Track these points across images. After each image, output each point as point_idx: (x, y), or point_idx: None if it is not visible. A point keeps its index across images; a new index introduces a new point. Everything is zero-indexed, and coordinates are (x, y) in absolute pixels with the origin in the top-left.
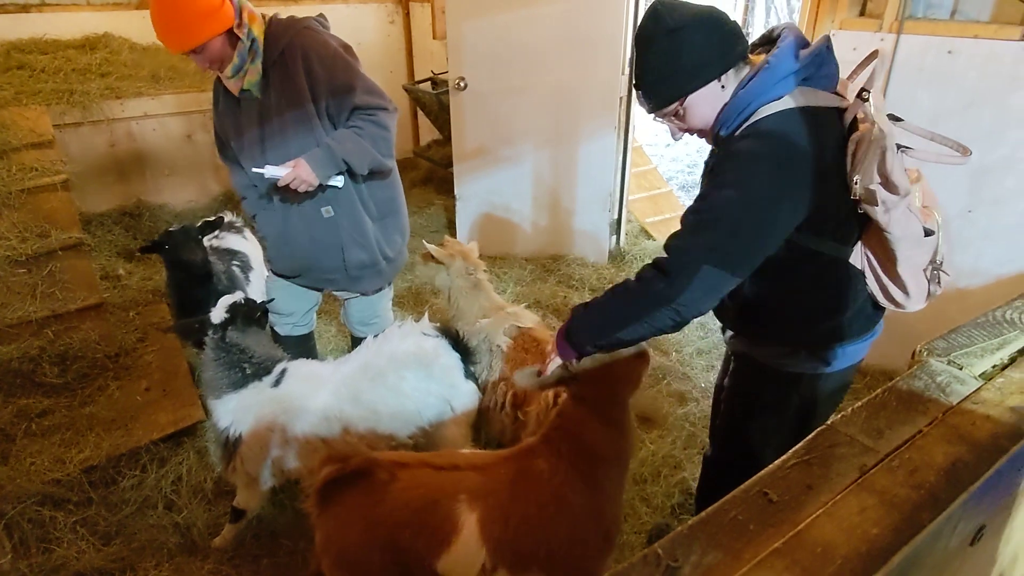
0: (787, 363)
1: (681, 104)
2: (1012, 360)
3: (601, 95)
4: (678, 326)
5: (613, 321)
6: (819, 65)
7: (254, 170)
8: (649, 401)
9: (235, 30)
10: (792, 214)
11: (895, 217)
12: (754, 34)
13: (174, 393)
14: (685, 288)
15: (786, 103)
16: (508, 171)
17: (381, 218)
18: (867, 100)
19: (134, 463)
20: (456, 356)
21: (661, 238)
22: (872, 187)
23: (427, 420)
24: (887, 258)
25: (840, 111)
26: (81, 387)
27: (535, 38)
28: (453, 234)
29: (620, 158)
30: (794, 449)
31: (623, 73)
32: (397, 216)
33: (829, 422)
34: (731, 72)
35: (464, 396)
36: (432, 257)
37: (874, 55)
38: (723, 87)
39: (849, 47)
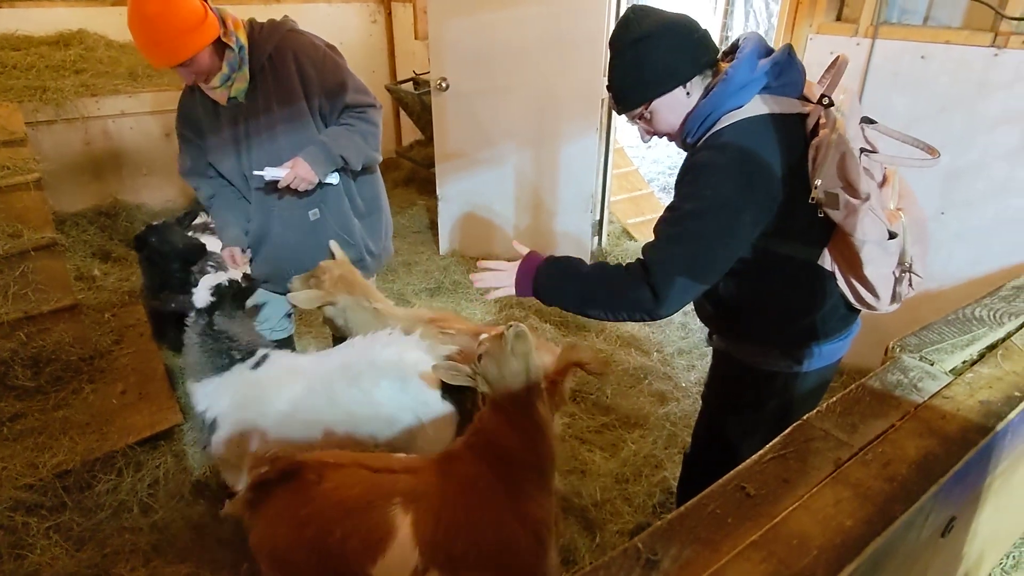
0: (763, 361)
1: (647, 108)
2: (981, 356)
3: (583, 96)
4: (643, 321)
5: (589, 300)
6: (779, 73)
7: (255, 172)
8: (630, 401)
9: (223, 38)
10: (754, 222)
11: (858, 220)
12: (733, 37)
13: (151, 396)
14: (666, 301)
15: (745, 112)
16: (490, 172)
17: (368, 215)
18: (828, 106)
19: (109, 467)
20: None
21: (643, 239)
22: (834, 191)
23: (397, 430)
24: (854, 261)
25: (804, 117)
26: (55, 390)
27: (517, 39)
28: (435, 235)
29: (602, 159)
30: (771, 444)
31: (604, 75)
32: (381, 213)
33: (805, 417)
34: (696, 79)
35: (435, 414)
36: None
37: (838, 60)
38: (688, 94)
39: (826, 51)
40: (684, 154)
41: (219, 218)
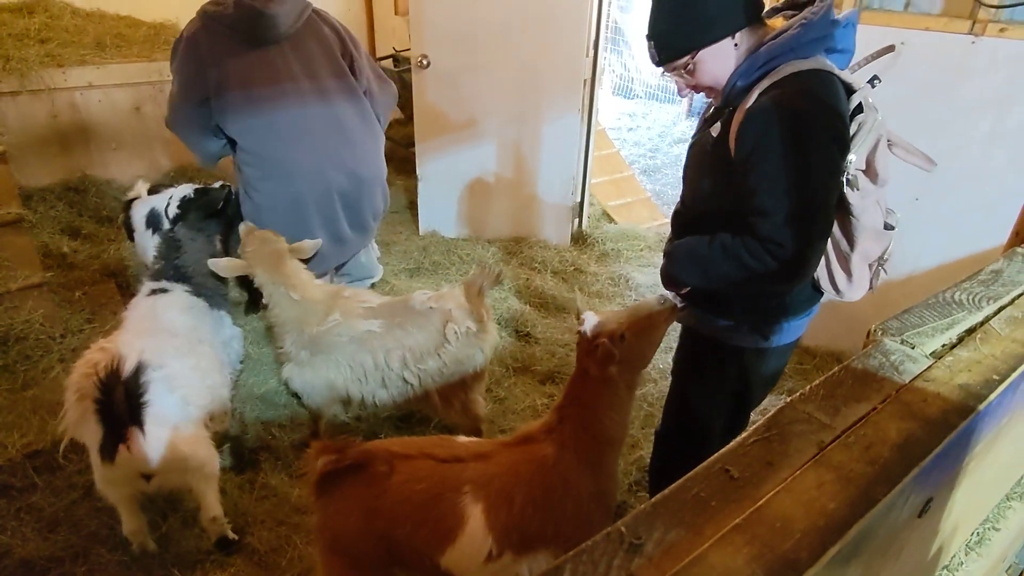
0: (731, 337)
1: (692, 58)
2: (960, 339)
3: (566, 77)
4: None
5: (720, 279)
6: (843, 36)
7: None
8: None
9: None
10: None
11: (868, 205)
12: None
13: None
14: (808, 270)
15: (811, 64)
16: (471, 151)
17: None
18: (875, 87)
19: (81, 447)
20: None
21: (623, 221)
22: (854, 174)
23: None
24: (846, 244)
25: (852, 91)
26: (23, 369)
27: (499, 16)
28: (415, 215)
29: (583, 141)
30: (755, 426)
31: (587, 55)
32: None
33: (788, 400)
34: (745, 31)
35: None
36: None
37: (890, 48)
38: (736, 45)
39: None
40: (665, 136)
41: None
